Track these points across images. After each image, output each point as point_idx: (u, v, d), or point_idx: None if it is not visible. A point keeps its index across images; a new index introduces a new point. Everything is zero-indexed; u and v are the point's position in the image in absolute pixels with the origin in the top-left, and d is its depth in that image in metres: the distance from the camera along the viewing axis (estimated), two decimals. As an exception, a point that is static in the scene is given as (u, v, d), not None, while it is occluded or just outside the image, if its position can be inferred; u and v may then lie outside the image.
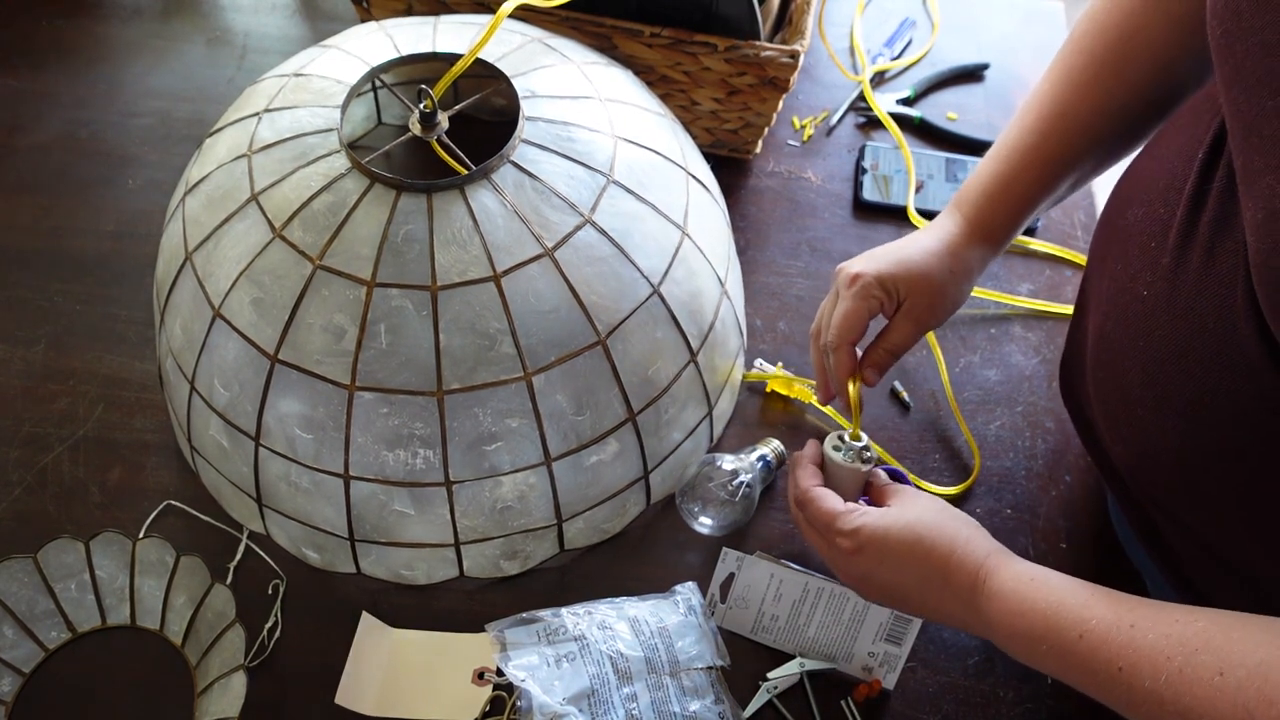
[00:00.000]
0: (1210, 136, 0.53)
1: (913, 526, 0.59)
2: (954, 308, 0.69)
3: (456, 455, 0.62)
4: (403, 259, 0.60)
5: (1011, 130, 0.68)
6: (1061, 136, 0.65)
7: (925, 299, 0.66)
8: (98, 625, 0.69)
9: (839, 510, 0.62)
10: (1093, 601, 0.51)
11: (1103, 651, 0.49)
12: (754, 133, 0.92)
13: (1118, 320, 0.57)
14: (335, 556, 0.70)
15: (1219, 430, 0.50)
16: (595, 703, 0.63)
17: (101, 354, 0.81)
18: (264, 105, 0.68)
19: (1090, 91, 0.64)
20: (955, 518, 0.60)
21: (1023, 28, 1.09)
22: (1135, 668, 0.47)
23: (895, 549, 0.59)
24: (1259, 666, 0.43)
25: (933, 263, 0.66)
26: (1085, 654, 0.50)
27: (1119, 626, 0.49)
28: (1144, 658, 0.47)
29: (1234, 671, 0.43)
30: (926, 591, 0.59)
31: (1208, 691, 0.44)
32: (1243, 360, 0.47)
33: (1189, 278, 0.51)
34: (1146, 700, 0.46)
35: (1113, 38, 0.63)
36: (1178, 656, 0.46)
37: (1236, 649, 0.44)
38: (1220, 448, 0.51)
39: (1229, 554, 0.56)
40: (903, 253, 0.67)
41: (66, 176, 0.92)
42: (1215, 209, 0.50)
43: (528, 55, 0.70)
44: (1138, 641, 0.48)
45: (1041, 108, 0.66)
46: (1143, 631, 0.48)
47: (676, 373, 0.68)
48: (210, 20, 1.06)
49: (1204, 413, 0.50)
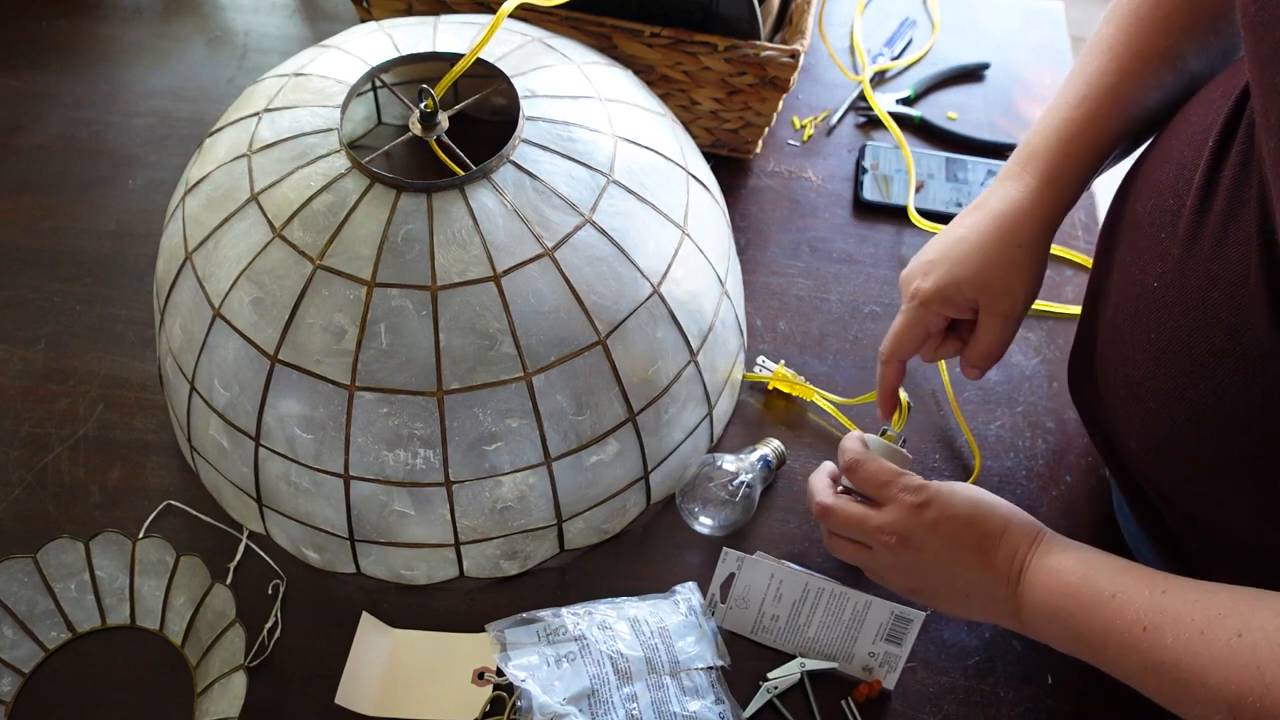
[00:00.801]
0: (1220, 127, 0.53)
1: (974, 492, 0.61)
2: (1037, 283, 0.65)
3: (456, 455, 0.62)
4: (403, 259, 0.60)
5: (1078, 75, 0.64)
6: (1140, 77, 0.62)
7: (1002, 294, 0.64)
8: (98, 625, 0.69)
9: (901, 470, 0.62)
10: (1131, 569, 0.53)
11: (1131, 610, 0.50)
12: (754, 133, 0.92)
13: (1128, 312, 0.57)
14: (335, 556, 0.70)
15: (1231, 419, 0.50)
16: (595, 703, 0.63)
17: (101, 354, 0.81)
18: (264, 105, 0.68)
19: (1164, 32, 0.61)
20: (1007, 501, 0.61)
21: (1023, 28, 1.09)
22: (1159, 628, 0.49)
23: (960, 508, 0.60)
24: (1277, 630, 0.45)
25: (996, 252, 0.63)
26: (1114, 612, 0.51)
27: (1151, 591, 0.51)
28: (1169, 619, 0.49)
29: (1252, 634, 0.45)
30: (977, 555, 0.59)
31: (1224, 651, 0.46)
32: (1255, 348, 0.47)
33: (1200, 267, 0.51)
34: (1165, 660, 0.48)
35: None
36: (1201, 619, 0.47)
37: (1258, 615, 0.46)
38: (1234, 435, 0.51)
39: (1238, 546, 0.56)
40: (961, 249, 0.64)
41: (67, 176, 0.92)
42: (1226, 198, 0.50)
43: (528, 55, 0.70)
44: (1166, 604, 0.49)
45: (1115, 49, 0.63)
46: (1172, 597, 0.50)
47: (676, 373, 0.68)
48: (210, 20, 1.06)
49: (1216, 401, 0.50)
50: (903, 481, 0.62)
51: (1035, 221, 0.64)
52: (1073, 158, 0.63)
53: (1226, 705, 0.45)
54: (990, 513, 0.59)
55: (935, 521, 0.60)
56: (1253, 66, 0.46)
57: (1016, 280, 0.64)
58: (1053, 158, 0.64)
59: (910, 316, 0.65)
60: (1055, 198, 0.64)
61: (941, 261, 0.65)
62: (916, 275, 0.66)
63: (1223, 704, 0.45)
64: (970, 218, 0.66)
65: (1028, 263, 0.64)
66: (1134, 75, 0.62)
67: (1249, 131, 0.50)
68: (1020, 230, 0.63)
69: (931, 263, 0.65)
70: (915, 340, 0.66)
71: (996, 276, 0.63)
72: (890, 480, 0.62)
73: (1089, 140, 0.63)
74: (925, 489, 0.61)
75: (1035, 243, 0.64)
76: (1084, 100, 0.63)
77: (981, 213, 0.65)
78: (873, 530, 0.62)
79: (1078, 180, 0.64)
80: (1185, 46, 0.62)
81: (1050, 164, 0.64)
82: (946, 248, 0.65)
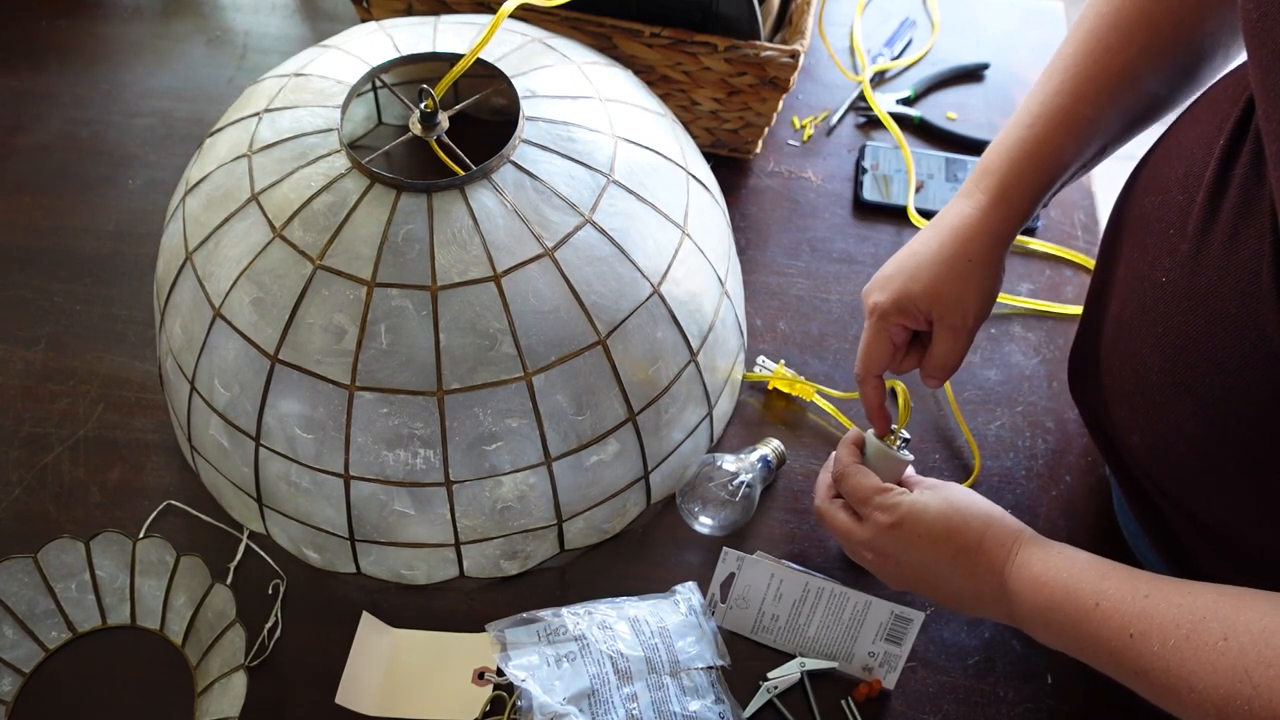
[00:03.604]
0: (1232, 125, 0.53)
1: (951, 502, 0.61)
2: (990, 297, 0.67)
3: (456, 455, 0.62)
4: (403, 259, 0.60)
5: (1034, 96, 0.66)
6: (1094, 97, 0.63)
7: (953, 306, 0.65)
8: (98, 625, 0.69)
9: (879, 486, 0.63)
10: (1112, 574, 0.53)
11: (1116, 619, 0.51)
12: (754, 133, 0.92)
13: (1136, 307, 0.57)
14: (335, 556, 0.70)
15: (1238, 415, 0.50)
16: (595, 703, 0.63)
17: (101, 354, 0.81)
18: (264, 105, 0.68)
19: (1121, 53, 0.62)
20: (987, 502, 0.62)
21: (1023, 28, 1.09)
22: (1145, 634, 0.49)
23: (932, 525, 0.61)
24: (1262, 633, 0.44)
25: (946, 266, 0.65)
26: (1099, 621, 0.52)
27: (1134, 596, 0.51)
28: (1154, 624, 0.49)
29: (1238, 637, 0.45)
30: (956, 569, 0.60)
31: (1211, 655, 0.46)
32: (1263, 345, 0.47)
33: (1210, 263, 0.51)
34: (1153, 665, 0.48)
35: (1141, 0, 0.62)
36: (1186, 623, 0.47)
37: (1242, 617, 0.46)
38: (1239, 432, 0.51)
39: (1239, 543, 0.56)
40: (914, 263, 0.66)
41: (67, 176, 0.92)
42: (1238, 195, 0.50)
43: (528, 55, 0.70)
44: (1150, 609, 0.49)
45: (1070, 69, 0.64)
46: (1155, 601, 0.50)
47: (676, 373, 0.68)
48: (210, 20, 1.06)
49: (1223, 396, 0.51)
50: (877, 500, 0.63)
51: (986, 237, 0.65)
52: (1024, 176, 0.65)
53: (1216, 709, 0.45)
54: (963, 526, 0.60)
55: (908, 541, 0.61)
56: (1254, 72, 0.46)
57: (968, 294, 0.65)
58: (1004, 175, 0.66)
59: (872, 331, 0.67)
60: (1006, 214, 0.66)
61: (897, 275, 0.66)
62: (874, 290, 0.67)
63: (1212, 708, 0.45)
64: (926, 233, 0.68)
65: (978, 277, 0.66)
66: (1087, 96, 0.63)
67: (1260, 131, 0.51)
68: (970, 245, 0.65)
69: (889, 277, 0.67)
70: (883, 354, 0.67)
71: (948, 290, 0.65)
72: (867, 498, 0.63)
73: (1040, 159, 0.65)
74: (897, 508, 0.62)
75: (985, 258, 0.66)
76: (1036, 120, 0.65)
77: (936, 229, 0.67)
78: (855, 545, 0.64)
79: (1029, 198, 0.66)
80: (1143, 68, 0.62)
81: (1001, 181, 0.66)
82: (902, 261, 0.67)
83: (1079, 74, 0.64)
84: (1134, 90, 0.63)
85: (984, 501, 0.62)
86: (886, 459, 0.66)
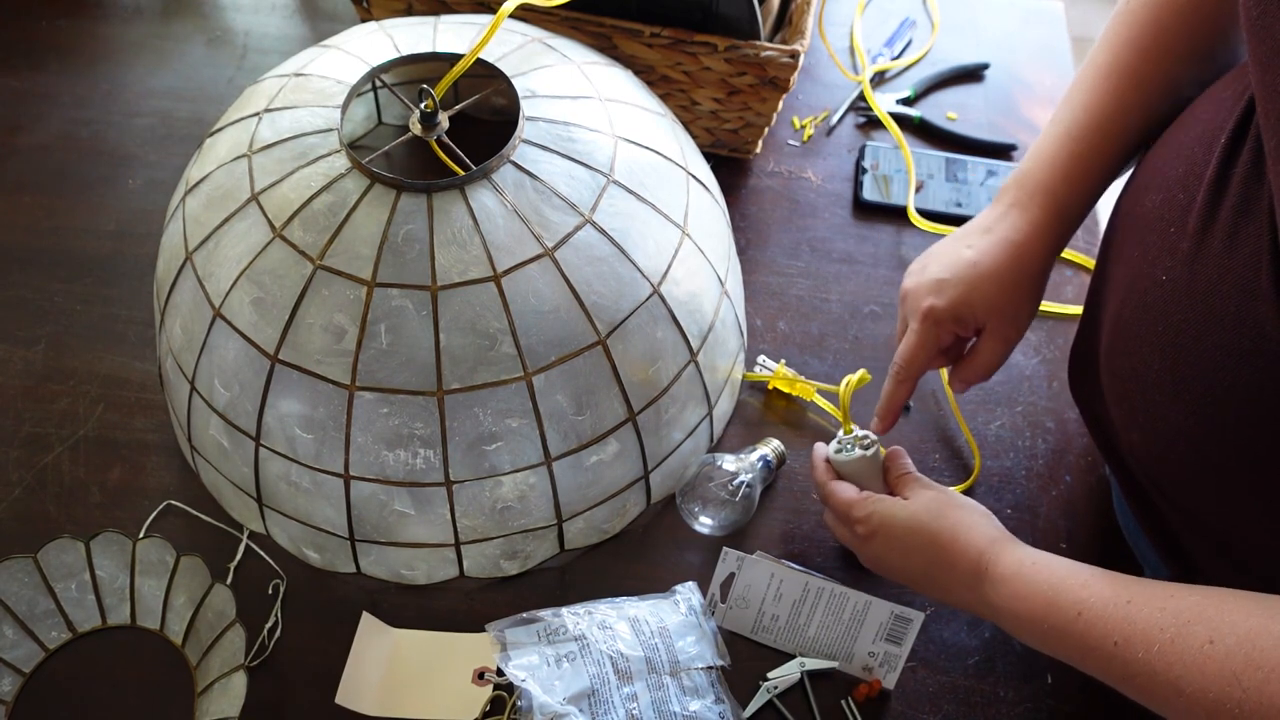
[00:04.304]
0: (1233, 123, 0.53)
1: (917, 515, 0.62)
2: (1035, 309, 0.68)
3: (456, 455, 0.62)
4: (403, 259, 0.60)
5: (1076, 106, 0.66)
6: (1143, 108, 0.63)
7: (1009, 318, 0.66)
8: (98, 625, 0.69)
9: (853, 499, 0.65)
10: (1092, 581, 0.53)
11: (1099, 627, 0.51)
12: (754, 133, 0.92)
13: (1136, 305, 0.57)
14: (335, 556, 0.70)
15: (1237, 414, 0.50)
16: (595, 703, 0.63)
17: (101, 354, 0.81)
18: (264, 105, 0.68)
19: (1161, 62, 0.63)
20: (960, 507, 0.62)
21: (1023, 28, 1.09)
22: (1130, 641, 0.49)
23: (902, 536, 0.62)
24: (1247, 635, 0.44)
25: (1009, 280, 0.65)
26: (1082, 630, 0.52)
27: (1116, 603, 0.51)
28: (1138, 631, 0.49)
29: (1223, 640, 0.45)
30: (934, 575, 0.62)
31: (1197, 659, 0.46)
32: (1263, 344, 0.47)
33: (1210, 262, 0.51)
34: (1140, 672, 0.48)
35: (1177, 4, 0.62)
36: (1170, 628, 0.47)
37: (1227, 619, 0.46)
38: (1238, 431, 0.51)
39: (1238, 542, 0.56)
40: (974, 273, 0.66)
41: (67, 176, 0.92)
42: (1238, 194, 0.50)
43: (528, 55, 0.70)
44: (1133, 616, 0.49)
45: (1111, 79, 0.64)
46: (1138, 607, 0.50)
47: (676, 373, 0.68)
48: (210, 20, 1.06)
49: (1222, 395, 0.51)
50: (852, 514, 0.65)
51: (1045, 255, 0.67)
52: (1079, 192, 0.66)
53: (1206, 713, 0.45)
54: (930, 539, 0.61)
55: (886, 549, 0.64)
56: (1254, 69, 0.47)
57: (1024, 307, 0.67)
58: (1059, 191, 0.66)
59: (925, 335, 0.67)
60: (1063, 230, 0.67)
61: (956, 283, 0.66)
62: (926, 293, 0.67)
63: (1202, 712, 0.45)
64: (980, 240, 0.67)
65: (1035, 291, 0.67)
66: (1136, 106, 0.64)
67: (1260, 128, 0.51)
68: (1032, 262, 0.66)
69: (943, 281, 0.66)
70: (929, 357, 0.68)
71: (1008, 302, 0.66)
72: (845, 513, 0.66)
73: (1092, 173, 0.66)
74: (869, 520, 0.64)
75: (1043, 273, 0.67)
76: (1086, 132, 0.65)
77: (991, 238, 0.67)
78: (851, 529, 0.66)
79: (1083, 212, 0.67)
80: (1182, 75, 0.63)
81: (1058, 199, 0.66)
82: (958, 269, 0.66)
83: (1120, 84, 0.64)
84: (1174, 99, 0.63)
85: (956, 509, 0.62)
86: (855, 464, 0.68)
